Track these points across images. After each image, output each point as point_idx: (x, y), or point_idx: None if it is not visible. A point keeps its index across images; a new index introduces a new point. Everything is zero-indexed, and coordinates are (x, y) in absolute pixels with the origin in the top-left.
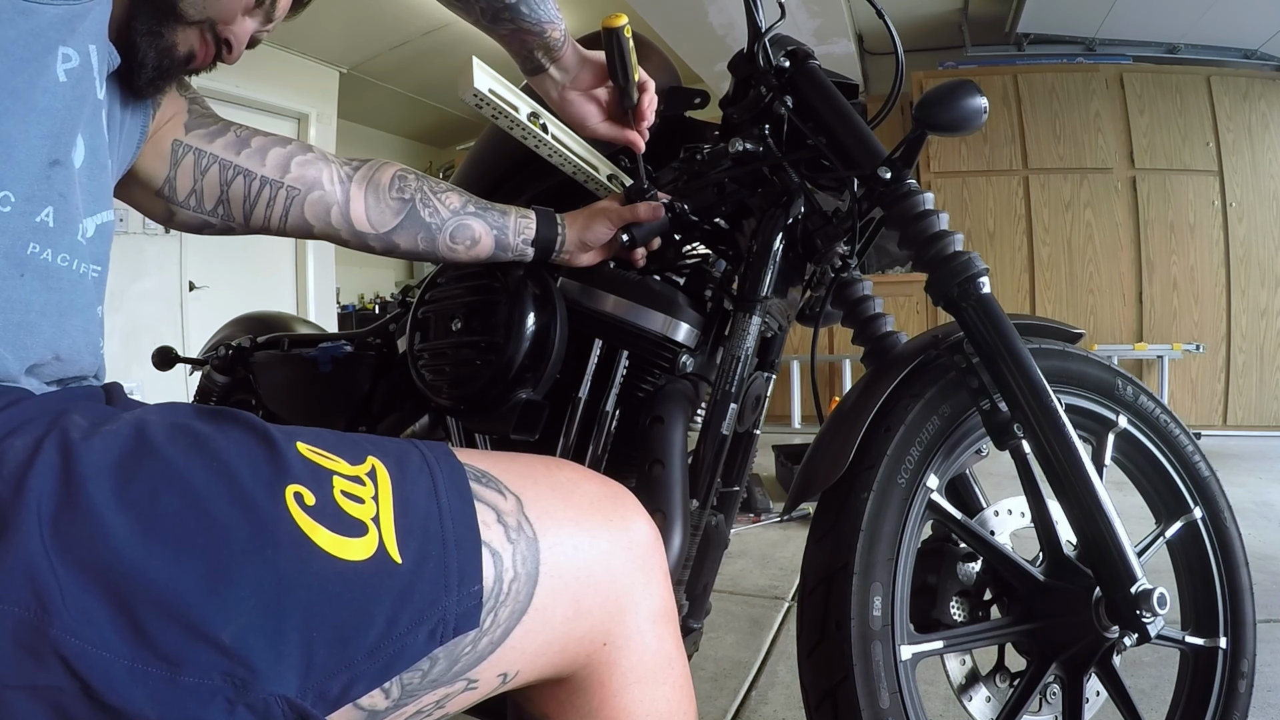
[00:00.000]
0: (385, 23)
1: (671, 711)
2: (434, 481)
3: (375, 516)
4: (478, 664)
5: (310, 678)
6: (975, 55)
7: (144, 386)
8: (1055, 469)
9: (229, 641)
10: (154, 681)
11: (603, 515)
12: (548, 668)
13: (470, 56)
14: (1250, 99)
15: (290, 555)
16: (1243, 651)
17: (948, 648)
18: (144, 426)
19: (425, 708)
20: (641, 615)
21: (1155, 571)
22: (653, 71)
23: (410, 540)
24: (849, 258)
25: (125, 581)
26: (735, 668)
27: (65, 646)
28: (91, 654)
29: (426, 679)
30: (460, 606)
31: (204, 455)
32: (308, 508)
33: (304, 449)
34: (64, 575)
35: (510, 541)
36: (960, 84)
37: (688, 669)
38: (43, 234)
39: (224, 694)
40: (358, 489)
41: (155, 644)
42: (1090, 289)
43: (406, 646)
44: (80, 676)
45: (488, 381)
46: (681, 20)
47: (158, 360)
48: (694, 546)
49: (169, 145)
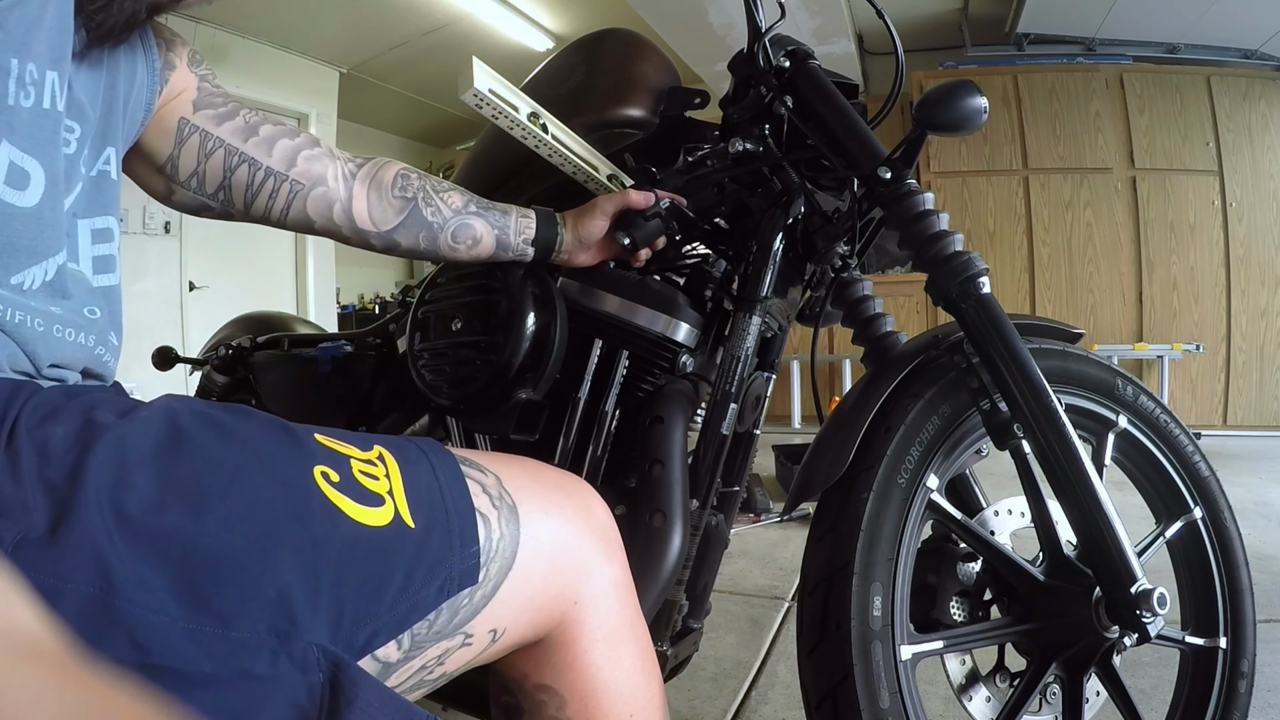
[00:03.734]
0: (385, 23)
1: (635, 668)
2: (431, 464)
3: (389, 490)
4: (473, 617)
5: (341, 628)
6: (975, 55)
7: (144, 386)
8: (1055, 469)
9: (275, 596)
10: (208, 639)
11: (565, 494)
12: (529, 626)
13: (470, 56)
14: (1250, 99)
15: (323, 521)
16: (1243, 651)
17: (948, 648)
18: (173, 415)
19: (429, 663)
20: (605, 579)
21: (1155, 571)
22: (653, 72)
23: (420, 509)
24: (849, 258)
25: (181, 550)
26: (735, 668)
27: (128, 616)
28: (152, 619)
29: (432, 630)
30: (463, 564)
31: (235, 441)
32: (333, 483)
33: (320, 438)
34: (125, 551)
35: (495, 508)
36: (960, 84)
37: (650, 641)
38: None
39: (269, 645)
40: (371, 469)
41: (209, 604)
42: (1090, 289)
43: (420, 600)
44: (140, 644)
45: (488, 381)
46: (681, 20)
47: (158, 360)
48: (694, 546)
49: (175, 122)
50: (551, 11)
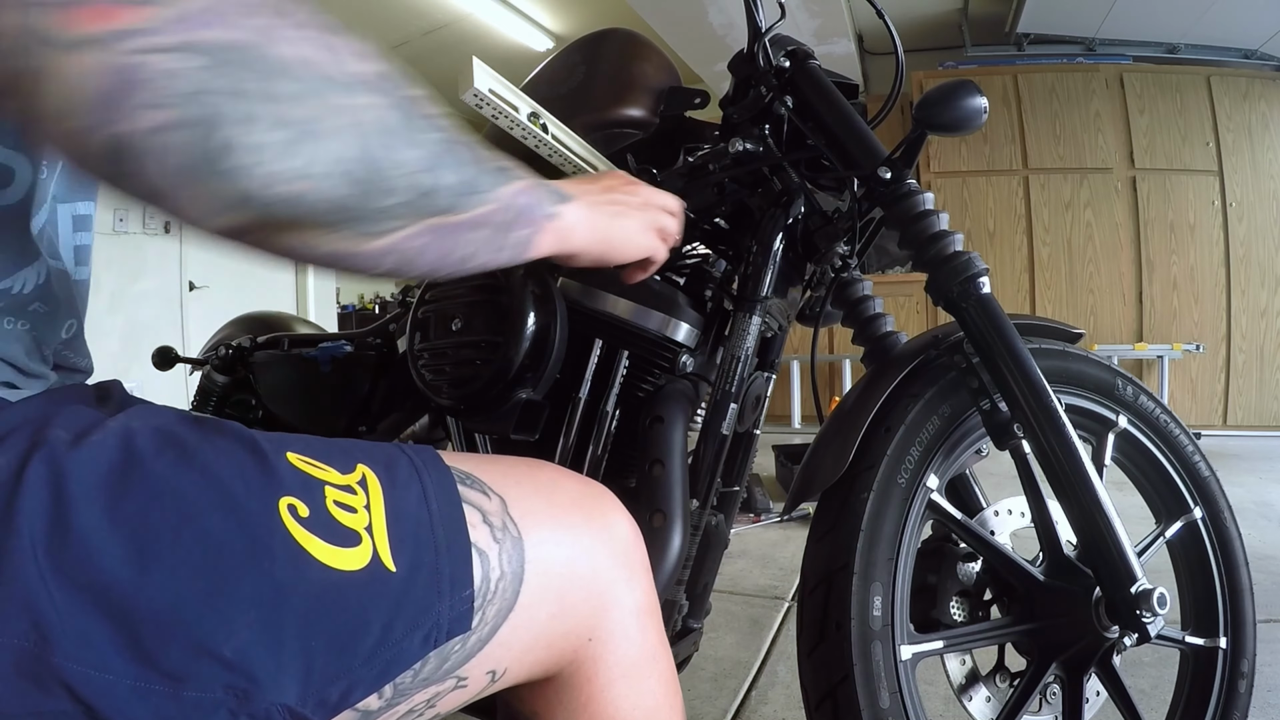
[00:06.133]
0: (385, 23)
1: (657, 705)
2: (423, 488)
3: (368, 526)
4: (466, 662)
5: (310, 685)
6: (975, 55)
7: (144, 386)
8: (1055, 469)
9: (230, 655)
10: (157, 699)
11: (583, 514)
12: (535, 665)
13: (470, 56)
14: (1250, 99)
15: (286, 567)
16: (1243, 651)
17: (948, 648)
18: (130, 436)
19: (417, 706)
20: (625, 610)
21: (1155, 571)
22: (653, 71)
23: (403, 548)
24: (849, 258)
25: (123, 602)
26: (735, 668)
27: (67, 673)
28: (95, 677)
29: (418, 678)
30: (453, 611)
31: (193, 468)
32: (301, 519)
33: (294, 459)
34: (61, 601)
35: (496, 541)
36: (960, 84)
37: (673, 664)
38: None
39: (226, 705)
40: (349, 498)
41: (157, 662)
42: (1090, 289)
43: (402, 652)
44: (84, 701)
45: (488, 381)
46: (681, 20)
47: (158, 360)
48: (694, 546)
49: None
50: (551, 11)
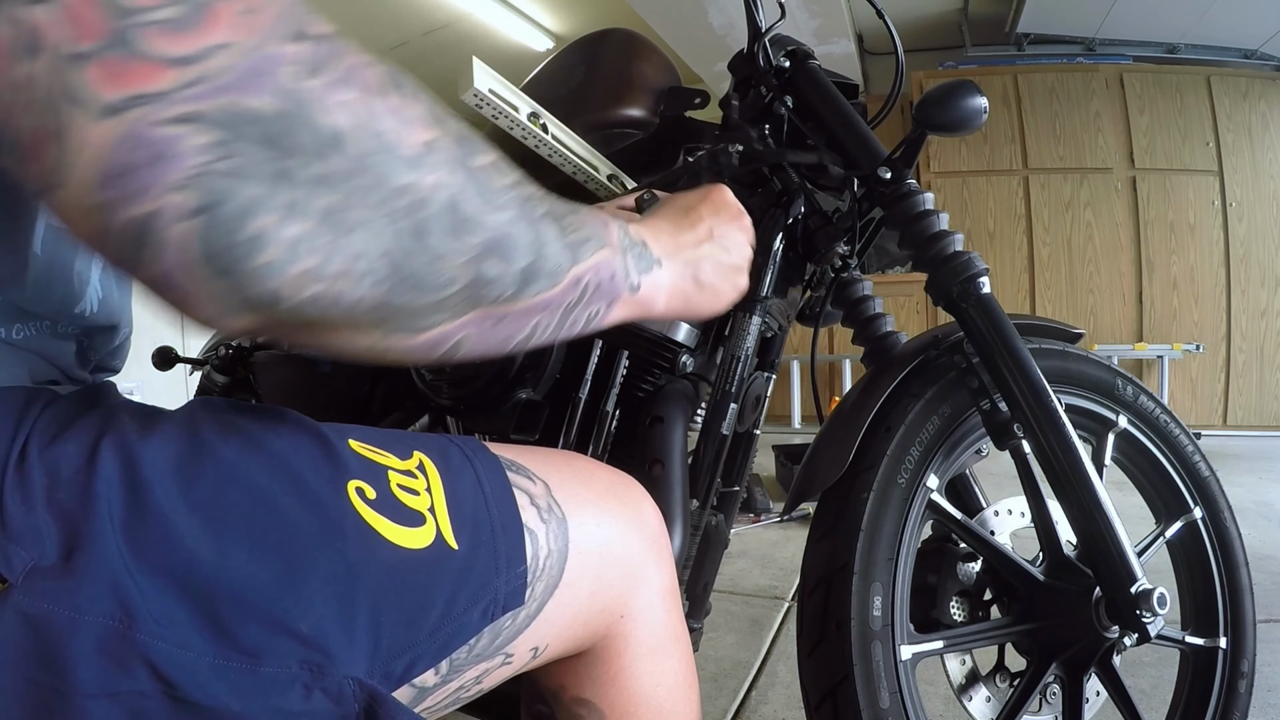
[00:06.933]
0: (385, 23)
1: (678, 682)
2: (476, 473)
3: (431, 507)
4: (515, 638)
5: (377, 659)
6: (975, 55)
7: (144, 386)
8: (1055, 469)
9: (306, 631)
10: (235, 674)
11: (618, 500)
12: (572, 640)
13: (470, 56)
14: (1250, 99)
15: (358, 546)
16: (1243, 651)
17: (948, 648)
18: (196, 426)
19: (466, 683)
20: (654, 590)
21: (1155, 571)
22: (653, 72)
23: (463, 528)
24: (849, 258)
25: (203, 582)
26: (735, 668)
27: (152, 650)
28: (176, 654)
29: (472, 653)
30: (509, 586)
31: (263, 454)
32: (369, 501)
33: (356, 445)
34: (143, 581)
35: (543, 521)
36: (960, 84)
37: (691, 650)
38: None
39: (301, 680)
40: (411, 482)
41: (235, 639)
42: (1090, 289)
43: (462, 626)
44: (165, 678)
45: (488, 381)
46: (681, 20)
47: (157, 360)
48: (694, 546)
49: None
50: (551, 11)
